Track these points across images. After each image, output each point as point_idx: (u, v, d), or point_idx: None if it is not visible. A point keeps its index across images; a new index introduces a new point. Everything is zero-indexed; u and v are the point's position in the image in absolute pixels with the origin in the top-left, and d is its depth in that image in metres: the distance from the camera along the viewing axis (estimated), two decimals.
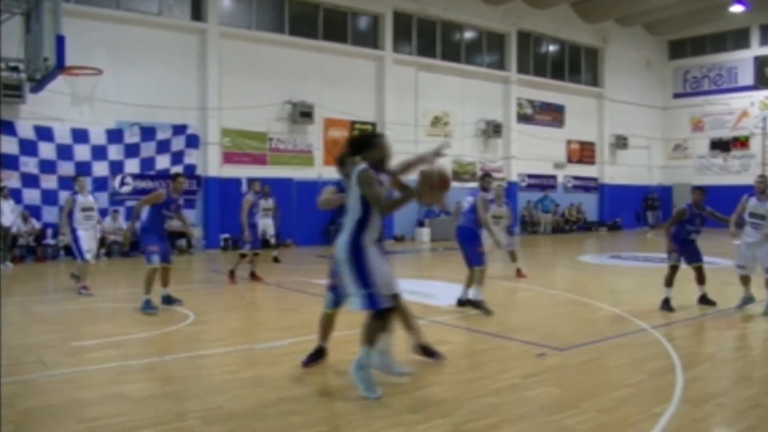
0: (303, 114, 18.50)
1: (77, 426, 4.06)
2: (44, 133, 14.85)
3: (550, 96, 25.37)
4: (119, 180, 15.91)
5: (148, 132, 16.26)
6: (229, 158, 17.75)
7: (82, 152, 15.38)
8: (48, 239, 14.68)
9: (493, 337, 6.51)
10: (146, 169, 16.23)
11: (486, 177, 8.86)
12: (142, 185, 15.77)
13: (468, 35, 23.10)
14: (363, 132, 4.68)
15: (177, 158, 16.69)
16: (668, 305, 7.97)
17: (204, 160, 17.27)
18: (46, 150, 14.90)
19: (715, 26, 27.14)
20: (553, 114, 25.59)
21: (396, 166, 4.76)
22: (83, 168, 15.15)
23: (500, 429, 4.00)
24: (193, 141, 16.93)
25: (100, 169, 15.64)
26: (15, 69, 8.48)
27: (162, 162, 16.37)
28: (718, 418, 4.28)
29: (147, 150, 16.28)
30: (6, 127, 13.97)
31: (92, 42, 15.09)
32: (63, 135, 15.15)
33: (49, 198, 14.70)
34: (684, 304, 8.15)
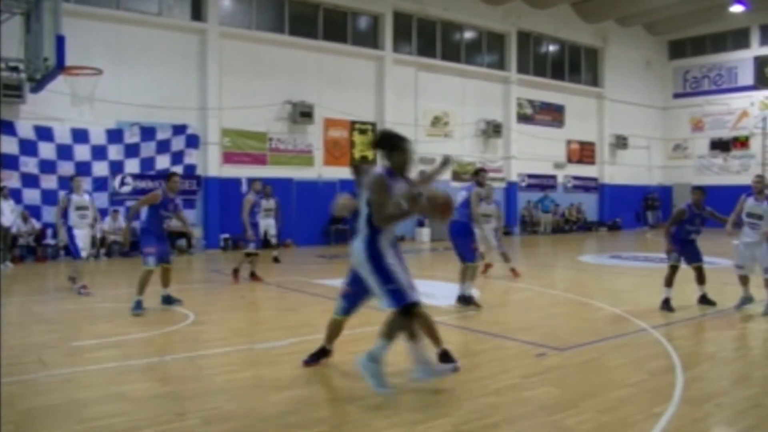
0: (303, 114, 18.51)
1: (77, 426, 4.06)
2: (44, 133, 14.86)
3: (550, 96, 25.38)
4: (119, 180, 15.92)
5: (148, 132, 16.27)
6: (229, 158, 17.75)
7: (82, 152, 15.38)
8: (48, 239, 14.69)
9: (493, 337, 6.51)
10: (146, 169, 16.23)
11: (481, 172, 8.88)
12: (142, 185, 15.77)
13: (468, 35, 23.10)
14: (390, 131, 4.65)
15: (177, 158, 16.70)
16: (668, 305, 7.97)
17: (204, 160, 17.27)
18: (46, 150, 14.91)
19: (715, 26, 27.15)
20: (553, 114, 25.59)
21: (416, 179, 4.76)
22: (83, 168, 15.18)
23: (500, 429, 4.01)
24: (193, 141, 16.94)
25: (100, 169, 15.66)
26: (15, 69, 8.48)
27: (162, 162, 16.37)
28: (718, 418, 4.28)
29: (147, 150, 16.29)
30: (6, 127, 13.98)
31: (92, 42, 15.11)
32: (63, 135, 15.15)
33: (49, 198, 14.69)
34: (684, 304, 8.15)
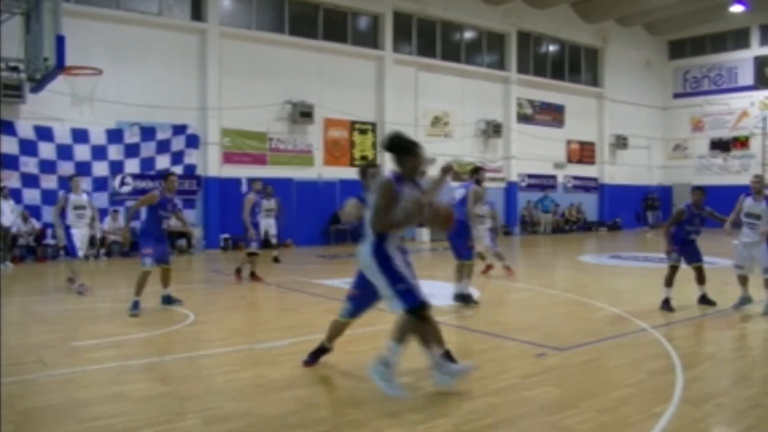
0: (303, 114, 18.51)
1: (77, 426, 4.06)
2: (44, 133, 14.86)
3: (550, 96, 25.38)
4: (119, 180, 15.92)
5: (148, 132, 16.27)
6: (229, 158, 17.75)
7: (82, 152, 15.39)
8: (48, 239, 14.68)
9: (493, 337, 6.51)
10: (146, 169, 16.23)
11: (480, 170, 8.92)
12: (142, 185, 15.77)
13: (468, 35, 23.10)
14: (402, 135, 4.60)
15: (177, 158, 16.70)
16: (668, 305, 7.97)
17: (204, 160, 17.27)
18: (46, 150, 14.91)
19: (715, 26, 27.15)
20: (553, 114, 25.59)
21: (425, 186, 4.72)
22: (83, 168, 15.18)
23: (500, 429, 4.01)
24: (193, 141, 16.93)
25: (100, 169, 15.66)
26: (15, 69, 8.49)
27: (162, 162, 16.37)
28: (718, 418, 4.28)
29: (147, 150, 16.29)
30: (6, 127, 13.98)
31: (92, 42, 15.11)
32: (63, 135, 15.15)
33: (49, 198, 14.67)
34: (684, 304, 8.15)
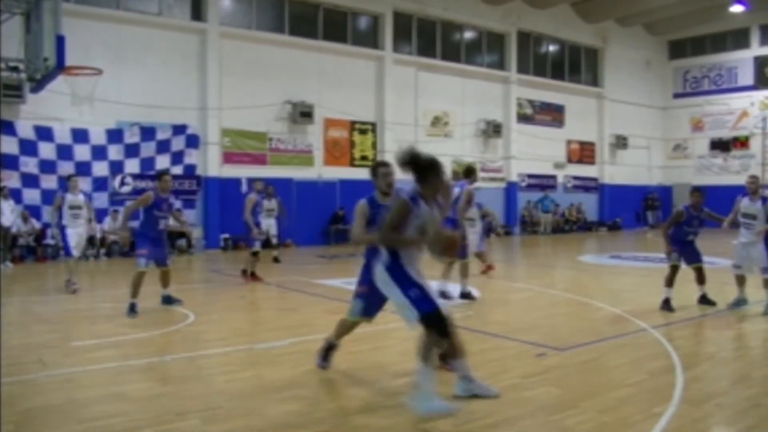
0: (303, 114, 18.50)
1: (77, 426, 4.06)
2: (44, 133, 14.86)
3: (550, 96, 25.37)
4: (119, 180, 15.92)
5: (148, 132, 16.26)
6: (229, 158, 17.75)
7: (82, 152, 15.38)
8: (48, 239, 14.68)
9: (493, 337, 6.51)
10: (146, 169, 16.22)
11: (474, 171, 8.99)
12: (142, 185, 15.74)
13: (468, 35, 23.10)
14: (423, 156, 4.43)
15: (177, 158, 16.70)
16: (668, 305, 7.97)
17: (204, 160, 17.27)
18: (46, 150, 14.91)
19: (715, 26, 27.14)
20: (553, 114, 25.59)
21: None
22: (83, 168, 15.18)
23: (500, 429, 4.01)
24: (193, 141, 16.93)
25: (100, 169, 15.66)
26: (15, 69, 8.48)
27: (162, 162, 16.36)
28: (718, 418, 4.28)
29: (147, 150, 16.28)
30: (6, 127, 13.98)
31: (92, 42, 15.11)
32: (63, 135, 15.15)
33: (49, 198, 14.60)
34: (684, 304, 8.15)
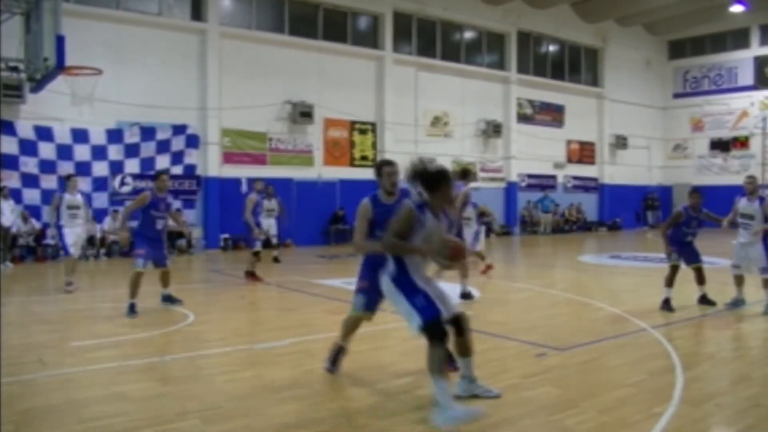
0: (303, 114, 18.50)
1: (77, 426, 4.06)
2: (44, 133, 14.86)
3: (550, 96, 25.37)
4: (119, 180, 15.91)
5: (148, 132, 16.26)
6: (229, 158, 17.75)
7: (82, 152, 15.38)
8: (48, 239, 14.68)
9: (493, 337, 6.50)
10: (146, 169, 16.21)
11: (470, 172, 9.02)
12: (142, 185, 15.71)
13: (468, 35, 23.10)
14: (432, 168, 4.36)
15: (177, 158, 16.70)
16: (668, 305, 7.97)
17: (204, 160, 17.26)
18: (46, 150, 14.90)
19: (715, 26, 27.14)
20: (553, 114, 25.59)
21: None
22: (83, 168, 15.18)
23: (500, 429, 4.01)
24: (193, 141, 16.93)
25: (100, 169, 15.65)
26: (15, 69, 8.49)
27: (162, 162, 16.35)
28: (718, 418, 4.28)
29: (147, 150, 16.28)
30: (6, 127, 13.98)
31: (92, 42, 15.10)
32: (63, 135, 15.15)
33: (49, 198, 14.56)
34: (684, 304, 8.15)
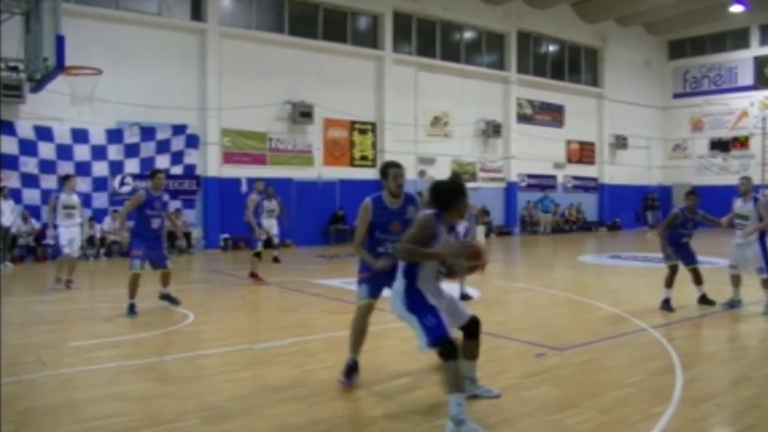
0: (303, 114, 18.51)
1: (76, 426, 4.06)
2: (44, 133, 14.86)
3: (550, 96, 25.37)
4: (119, 180, 15.91)
5: (148, 132, 16.26)
6: (229, 158, 17.75)
7: (82, 152, 15.38)
8: (47, 239, 14.65)
9: (493, 337, 6.50)
10: (146, 169, 16.13)
11: (460, 177, 9.05)
12: (142, 185, 15.72)
13: (468, 35, 23.10)
14: (447, 184, 4.34)
15: (177, 158, 16.70)
16: (668, 305, 7.96)
17: (204, 160, 17.26)
18: (46, 150, 14.90)
19: (715, 26, 27.16)
20: (553, 114, 25.59)
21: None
22: (83, 168, 15.20)
23: (500, 429, 4.01)
24: (193, 141, 16.93)
25: (100, 169, 15.66)
26: (15, 69, 8.48)
27: (162, 162, 16.35)
28: (718, 418, 4.28)
29: (147, 150, 16.28)
30: (6, 127, 13.97)
31: (92, 42, 15.10)
32: (62, 135, 15.15)
33: (49, 198, 14.70)
34: (683, 304, 8.16)
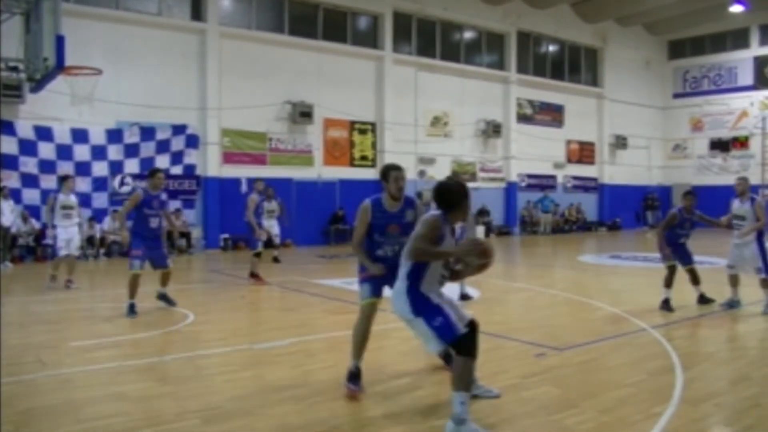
0: (302, 114, 18.51)
1: (76, 426, 4.06)
2: (44, 133, 14.85)
3: (550, 96, 25.37)
4: (119, 180, 15.91)
5: (148, 132, 16.26)
6: (229, 158, 17.75)
7: (82, 152, 15.38)
8: (47, 239, 14.66)
9: (493, 337, 6.50)
10: (146, 169, 16.12)
11: (459, 176, 9.03)
12: (142, 185, 15.72)
13: (467, 35, 23.10)
14: (451, 185, 4.33)
15: (176, 158, 16.69)
16: (668, 305, 7.97)
17: (204, 160, 17.26)
18: (46, 150, 14.90)
19: (715, 26, 27.16)
20: (553, 114, 25.59)
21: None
22: (83, 168, 15.20)
23: (500, 429, 4.01)
24: (193, 141, 16.93)
25: (100, 169, 15.65)
26: (15, 69, 8.47)
27: (162, 162, 16.34)
28: (717, 418, 4.28)
29: (146, 150, 16.27)
30: (6, 127, 13.97)
31: (92, 42, 15.10)
32: (62, 135, 15.15)
33: None
34: (683, 305, 8.16)
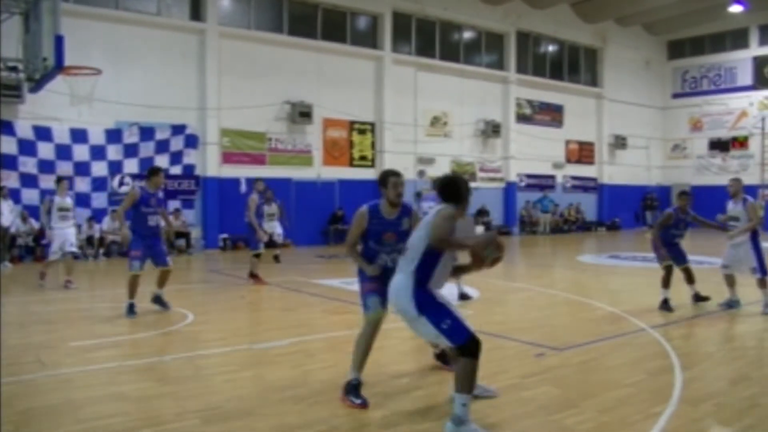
0: (302, 114, 18.50)
1: (76, 426, 4.06)
2: (43, 133, 14.84)
3: (549, 96, 25.37)
4: (118, 180, 15.90)
5: (147, 132, 16.25)
6: (228, 158, 17.74)
7: (81, 152, 15.37)
8: (46, 239, 14.66)
9: (492, 337, 6.50)
10: (145, 169, 16.16)
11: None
12: (140, 184, 15.73)
13: (467, 35, 23.10)
14: (456, 180, 4.33)
15: (176, 158, 16.69)
16: (667, 305, 7.98)
17: (203, 160, 17.25)
18: (45, 150, 14.89)
19: (714, 26, 27.16)
20: (552, 114, 25.60)
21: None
22: (82, 168, 15.19)
23: (500, 429, 4.01)
24: (192, 141, 16.92)
25: (99, 169, 15.64)
26: (14, 69, 8.49)
27: (161, 162, 16.30)
28: (717, 418, 4.28)
29: (146, 150, 16.27)
30: (5, 127, 13.97)
31: (91, 42, 15.09)
32: (62, 135, 15.14)
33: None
34: (682, 305, 8.17)
